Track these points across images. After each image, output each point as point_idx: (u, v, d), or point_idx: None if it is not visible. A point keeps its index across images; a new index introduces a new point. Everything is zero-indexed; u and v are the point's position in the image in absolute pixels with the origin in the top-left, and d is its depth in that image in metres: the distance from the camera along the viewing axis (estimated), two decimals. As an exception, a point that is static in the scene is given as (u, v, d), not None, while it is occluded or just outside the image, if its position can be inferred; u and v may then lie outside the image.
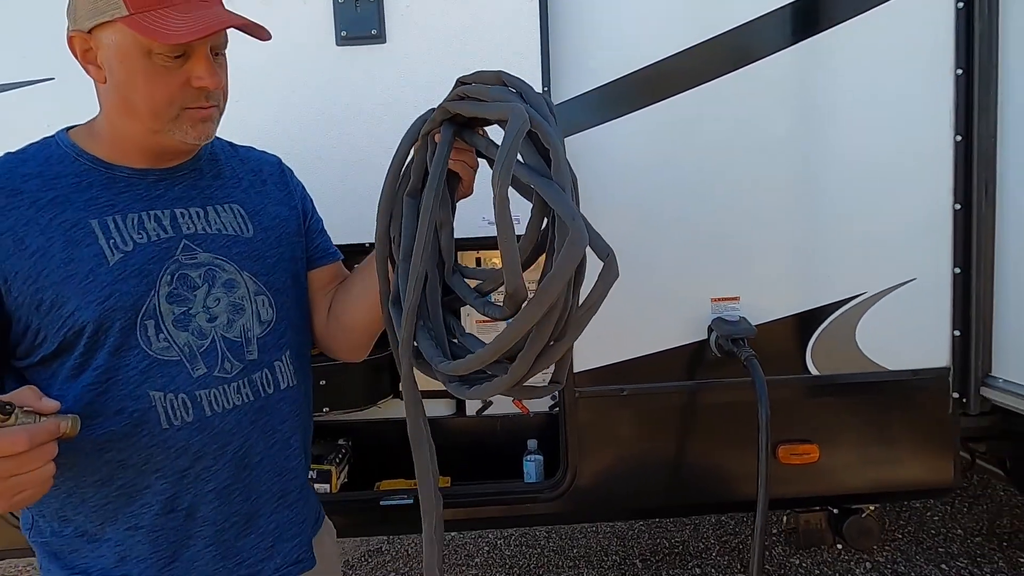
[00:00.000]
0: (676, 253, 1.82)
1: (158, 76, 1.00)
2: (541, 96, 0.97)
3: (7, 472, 0.84)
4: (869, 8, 1.76)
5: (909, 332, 1.85)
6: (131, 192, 1.08)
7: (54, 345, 1.01)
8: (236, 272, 1.13)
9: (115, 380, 1.02)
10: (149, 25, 0.96)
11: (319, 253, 1.30)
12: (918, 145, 1.80)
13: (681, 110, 1.77)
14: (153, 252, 1.06)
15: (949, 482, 1.92)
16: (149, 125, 1.03)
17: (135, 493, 1.05)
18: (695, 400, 1.89)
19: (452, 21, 1.69)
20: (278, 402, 1.15)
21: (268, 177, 1.26)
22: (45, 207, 1.02)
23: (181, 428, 1.04)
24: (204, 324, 1.08)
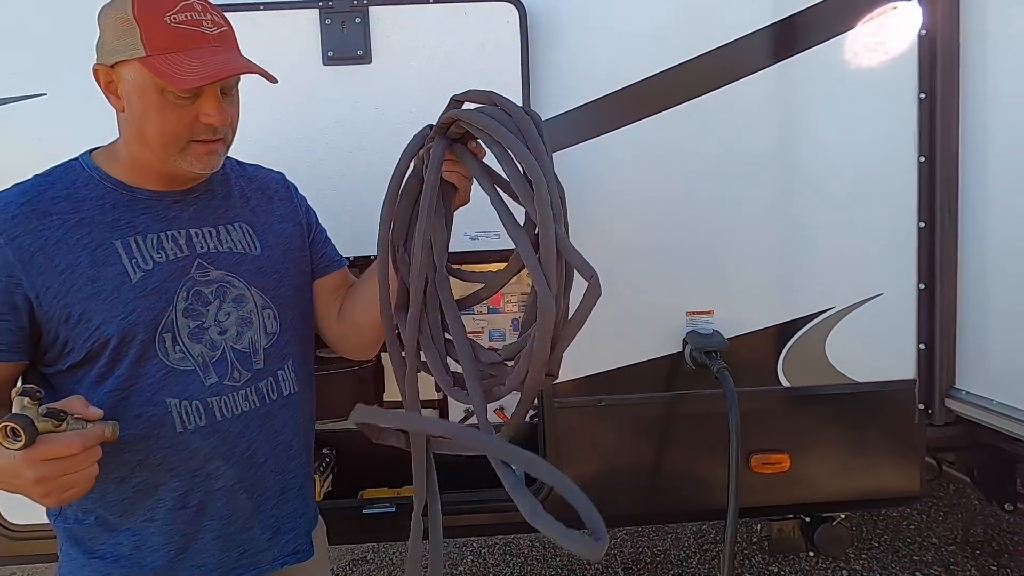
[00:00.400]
0: (652, 267, 1.87)
1: (170, 112, 1.08)
2: (529, 118, 1.06)
3: (61, 471, 0.95)
4: (837, 34, 1.83)
5: (876, 345, 1.92)
6: (150, 214, 1.17)
7: (81, 355, 1.10)
8: (245, 288, 1.23)
9: (135, 387, 1.12)
10: (163, 68, 1.05)
11: (325, 262, 1.40)
12: (884, 165, 1.87)
13: (658, 130, 1.83)
14: (171, 270, 1.16)
15: (916, 490, 1.99)
16: (159, 155, 1.12)
17: (151, 490, 1.15)
18: (671, 411, 1.95)
19: (435, 43, 1.74)
20: (281, 408, 1.25)
21: (274, 194, 1.35)
22: (73, 228, 1.11)
23: (194, 432, 1.15)
24: (216, 336, 1.18)
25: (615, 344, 1.88)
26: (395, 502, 1.98)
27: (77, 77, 1.74)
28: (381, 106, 1.76)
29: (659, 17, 1.81)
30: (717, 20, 1.81)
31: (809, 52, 1.83)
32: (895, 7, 1.82)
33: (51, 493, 0.96)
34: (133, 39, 1.06)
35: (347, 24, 1.72)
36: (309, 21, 1.72)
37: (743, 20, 1.81)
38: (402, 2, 1.74)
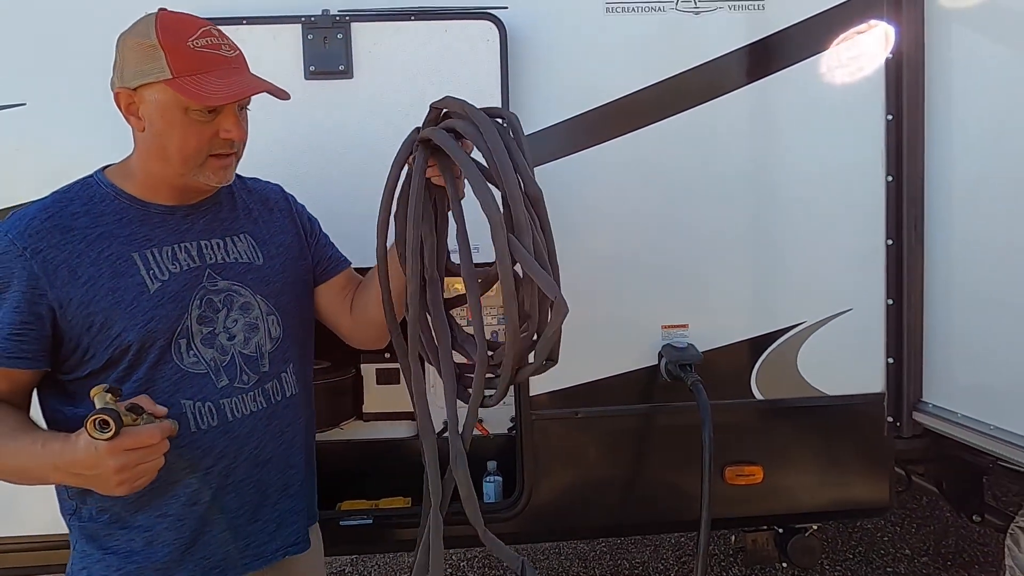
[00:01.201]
0: (629, 281, 1.91)
1: (192, 128, 1.17)
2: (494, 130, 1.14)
3: (138, 460, 1.04)
4: (809, 56, 1.88)
5: (846, 359, 1.96)
6: (164, 227, 1.25)
7: (102, 361, 1.17)
8: (251, 296, 1.31)
9: (152, 390, 1.18)
10: (190, 88, 1.13)
11: (331, 264, 1.48)
12: (854, 184, 1.93)
13: (635, 146, 1.87)
14: (185, 280, 1.23)
15: (885, 502, 2.03)
16: (179, 170, 1.20)
17: (167, 487, 1.20)
18: (647, 423, 1.97)
19: (416, 59, 1.77)
20: (285, 408, 1.33)
21: (274, 206, 1.43)
22: (94, 242, 1.18)
23: (208, 431, 1.22)
24: (225, 342, 1.26)
25: (592, 357, 1.91)
26: (373, 514, 1.99)
27: (57, 87, 1.77)
28: (362, 120, 1.78)
29: (637, 37, 1.85)
30: (694, 40, 1.86)
31: (783, 73, 1.88)
32: (863, 31, 1.88)
33: (126, 481, 1.04)
34: (158, 63, 1.13)
35: (329, 39, 1.75)
36: (292, 35, 1.74)
37: (720, 40, 1.87)
38: (384, 18, 1.77)
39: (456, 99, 1.23)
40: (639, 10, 1.85)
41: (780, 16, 1.87)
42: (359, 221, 1.76)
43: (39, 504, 1.32)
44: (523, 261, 1.08)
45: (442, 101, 1.26)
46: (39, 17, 1.75)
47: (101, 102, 1.71)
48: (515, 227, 1.10)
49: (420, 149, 1.25)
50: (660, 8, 1.86)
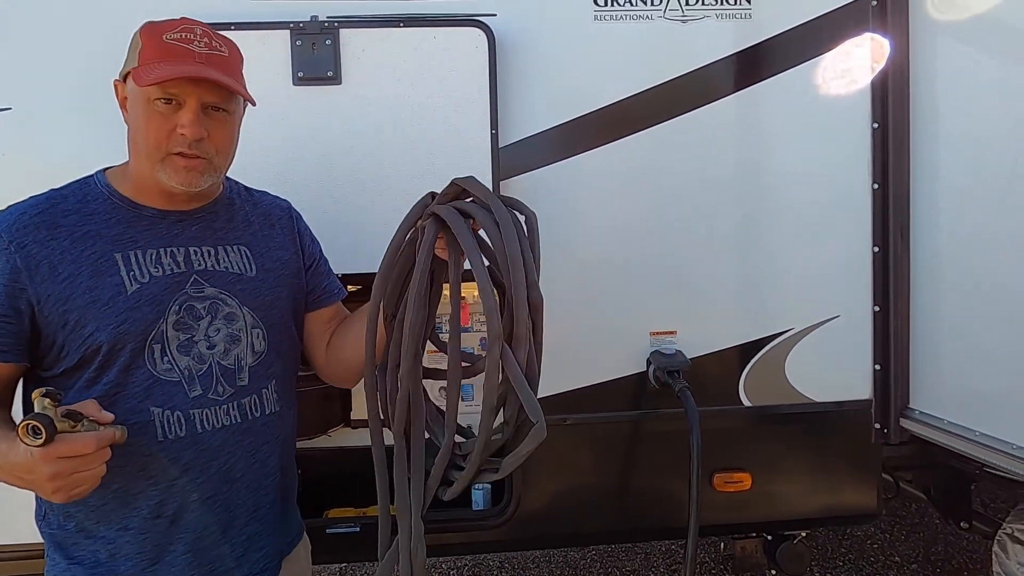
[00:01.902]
0: (617, 287, 1.91)
1: (152, 119, 1.17)
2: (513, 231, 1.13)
3: (73, 469, 1.01)
4: (795, 65, 1.90)
5: (834, 366, 1.97)
6: (153, 230, 1.24)
7: (74, 360, 1.16)
8: (237, 307, 1.28)
9: (122, 394, 1.16)
10: (140, 73, 1.15)
11: (325, 294, 1.47)
12: (840, 192, 1.94)
13: (622, 153, 1.88)
14: (166, 284, 1.21)
15: (873, 508, 2.03)
16: (145, 164, 1.19)
17: (129, 498, 1.18)
18: (636, 429, 1.97)
19: (404, 65, 1.77)
20: (262, 425, 1.29)
21: (277, 221, 1.42)
22: (79, 240, 1.18)
23: (175, 441, 1.19)
24: (204, 351, 1.23)
25: (580, 363, 1.91)
26: (360, 522, 1.97)
27: (43, 92, 1.76)
28: (350, 126, 1.78)
29: (625, 44, 1.86)
30: (682, 47, 1.87)
31: (770, 81, 1.90)
32: (850, 40, 1.90)
33: (61, 489, 1.01)
34: (135, 53, 1.18)
35: (317, 45, 1.75)
36: (280, 41, 1.74)
37: (707, 48, 1.88)
38: (372, 25, 1.77)
39: (480, 184, 1.21)
40: (627, 18, 1.87)
41: (767, 25, 1.89)
42: (345, 227, 1.78)
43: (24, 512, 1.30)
44: (514, 379, 1.09)
45: (465, 181, 1.22)
46: (25, 19, 1.74)
47: (89, 107, 1.75)
48: (513, 339, 1.11)
49: (432, 222, 1.24)
50: (648, 16, 1.87)
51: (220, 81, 1.17)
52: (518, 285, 1.09)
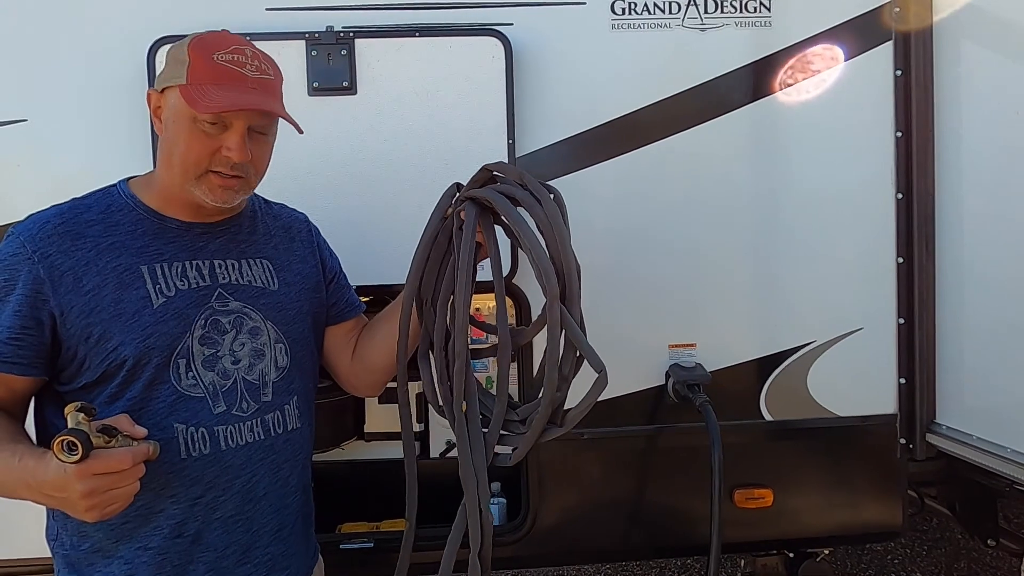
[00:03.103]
0: (635, 300, 1.87)
1: (196, 138, 1.15)
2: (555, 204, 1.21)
3: (108, 486, 0.98)
4: (815, 73, 1.87)
5: (857, 379, 1.92)
6: (178, 242, 1.22)
7: (96, 374, 1.13)
8: (261, 321, 1.27)
9: (145, 410, 1.14)
10: (193, 94, 1.12)
11: (346, 307, 1.47)
12: (863, 202, 1.90)
13: (642, 164, 1.85)
14: (192, 298, 1.20)
15: (898, 525, 1.98)
16: (178, 179, 1.18)
17: (150, 516, 1.15)
18: (654, 444, 1.93)
19: (420, 75, 1.76)
20: (285, 442, 1.27)
21: (296, 234, 1.42)
22: (104, 251, 1.16)
23: (198, 459, 1.16)
24: (228, 366, 1.21)
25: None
26: (374, 537, 1.94)
27: (59, 103, 1.76)
28: (365, 137, 1.76)
29: (643, 53, 1.84)
30: (701, 57, 1.84)
31: (790, 90, 1.86)
32: (871, 47, 1.87)
33: (96, 507, 0.99)
34: (181, 69, 1.15)
35: (332, 56, 1.74)
36: (295, 52, 1.73)
37: (725, 58, 1.85)
38: (388, 35, 1.76)
39: (513, 167, 1.30)
40: (645, 27, 1.84)
41: (787, 32, 1.86)
42: (362, 239, 1.76)
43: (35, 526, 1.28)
44: (573, 335, 1.16)
45: (497, 165, 1.31)
46: (41, 30, 1.74)
47: (104, 118, 1.74)
48: (567, 299, 1.17)
49: (470, 206, 1.28)
50: (666, 25, 1.84)
51: (276, 112, 1.18)
52: (566, 250, 1.17)
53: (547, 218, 1.21)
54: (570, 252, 1.19)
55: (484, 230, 1.28)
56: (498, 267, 1.28)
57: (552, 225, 1.20)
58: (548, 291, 1.15)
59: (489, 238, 1.28)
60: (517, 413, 1.30)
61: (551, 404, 1.20)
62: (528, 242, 1.19)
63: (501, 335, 1.26)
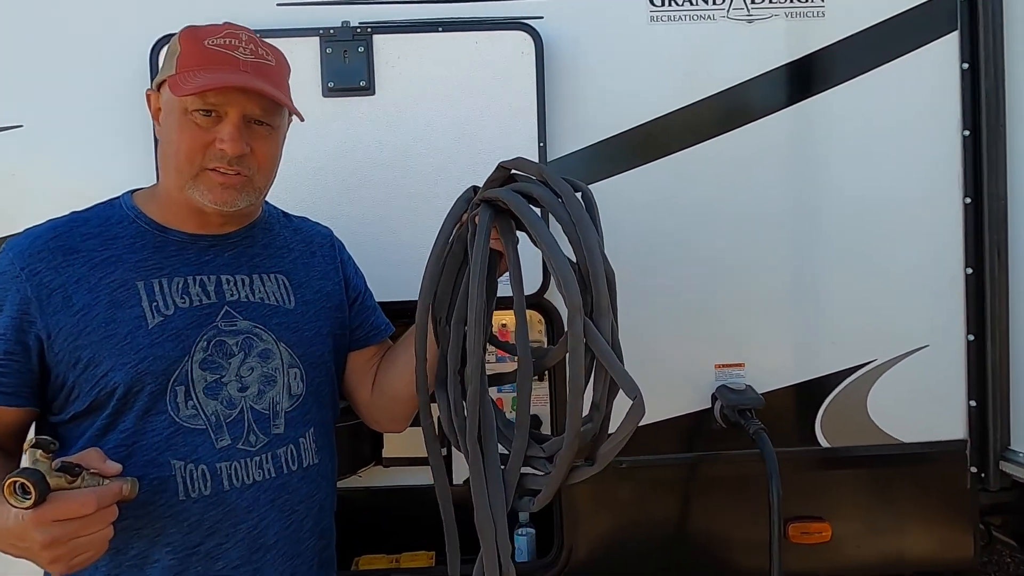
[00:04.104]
0: (679, 316, 1.72)
1: (188, 131, 1.04)
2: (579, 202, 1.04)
3: (72, 534, 0.85)
4: (874, 67, 1.71)
5: (923, 402, 1.75)
6: (180, 256, 1.11)
7: (85, 404, 1.02)
8: (273, 342, 1.14)
9: (139, 445, 1.02)
10: (178, 80, 1.02)
11: (372, 331, 1.33)
12: (926, 208, 1.73)
13: (684, 167, 1.70)
14: (193, 317, 1.08)
15: (969, 560, 1.80)
16: (175, 180, 1.07)
17: (143, 566, 1.03)
18: (699, 473, 1.77)
19: (443, 74, 1.62)
20: (299, 481, 1.13)
21: (318, 249, 1.28)
22: (98, 266, 1.05)
23: (197, 501, 1.03)
24: (235, 393, 1.09)
25: (638, 400, 1.72)
26: (394, 573, 1.80)
27: (56, 108, 1.63)
28: (384, 141, 1.63)
29: (685, 46, 1.69)
30: (748, 50, 1.69)
31: (846, 86, 1.71)
32: (936, 39, 1.71)
33: (60, 559, 0.86)
34: (172, 60, 1.06)
35: (349, 53, 1.61)
36: (309, 50, 1.60)
37: (774, 52, 1.70)
38: (409, 30, 1.62)
39: (531, 161, 1.12)
40: (686, 18, 1.70)
41: (842, 24, 1.70)
42: (379, 251, 1.62)
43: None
44: (602, 354, 0.97)
45: (514, 161, 1.14)
46: (37, 34, 1.63)
47: (106, 124, 1.62)
48: (595, 311, 0.99)
49: (484, 208, 1.12)
50: (710, 16, 1.70)
51: (266, 92, 1.04)
52: (593, 254, 1.00)
53: (569, 217, 1.03)
54: (598, 257, 1.01)
55: (502, 235, 1.12)
56: (518, 277, 1.11)
57: (576, 225, 1.02)
58: (568, 301, 0.97)
59: (508, 244, 1.12)
60: (543, 449, 1.12)
61: (576, 439, 1.02)
62: (545, 244, 1.01)
63: (521, 357, 1.09)
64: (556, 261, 0.99)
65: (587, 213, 1.05)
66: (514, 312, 1.10)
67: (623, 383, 0.97)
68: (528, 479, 1.13)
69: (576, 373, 0.99)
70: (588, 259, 1.01)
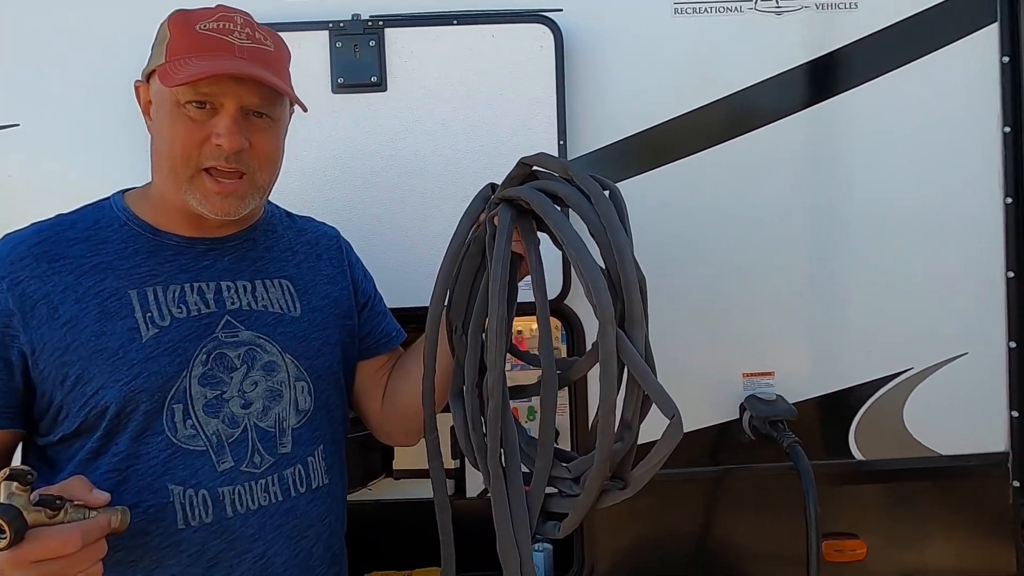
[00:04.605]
0: (704, 322, 1.64)
1: (181, 125, 0.96)
2: (609, 201, 0.96)
3: (56, 573, 0.78)
4: (908, 61, 1.63)
5: (962, 413, 1.66)
6: (176, 261, 1.03)
7: (74, 425, 0.95)
8: (278, 354, 1.06)
9: (134, 469, 0.95)
10: (169, 69, 0.93)
11: (383, 338, 1.25)
12: (964, 208, 1.65)
13: (711, 166, 1.62)
14: (191, 328, 1.00)
15: (1011, 579, 1.71)
16: (171, 182, 0.99)
17: None
18: (724, 487, 1.69)
19: (458, 69, 1.55)
20: (308, 503, 1.06)
21: (324, 251, 1.21)
22: (86, 274, 0.97)
23: (198, 529, 0.96)
24: (237, 410, 1.01)
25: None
26: (405, 591, 1.72)
27: (55, 106, 1.56)
28: (396, 139, 1.55)
29: (711, 40, 1.61)
30: (777, 44, 1.62)
31: (879, 81, 1.63)
32: (974, 31, 1.63)
33: None
34: (161, 47, 0.98)
35: (360, 48, 1.53)
36: (318, 44, 1.53)
37: (804, 45, 1.62)
38: (422, 23, 1.55)
39: (555, 157, 1.03)
40: (712, 11, 1.62)
41: (876, 15, 1.62)
42: (392, 253, 1.54)
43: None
44: (635, 368, 0.90)
45: (536, 157, 1.06)
46: (35, 29, 1.56)
47: (105, 122, 1.55)
48: (628, 322, 0.92)
49: (504, 208, 1.04)
50: (736, 8, 1.62)
51: (265, 79, 0.95)
52: (624, 259, 0.92)
53: (599, 219, 0.96)
54: (630, 262, 0.94)
55: (523, 237, 1.05)
56: (541, 282, 1.03)
57: (606, 227, 0.95)
58: (600, 312, 0.90)
59: (530, 247, 1.05)
60: (568, 469, 1.04)
61: (608, 460, 0.94)
62: (572, 248, 0.94)
63: (545, 369, 1.01)
64: (585, 267, 0.92)
65: (619, 216, 0.97)
66: (537, 320, 1.01)
67: (660, 402, 0.91)
68: (552, 501, 1.05)
69: (609, 389, 0.91)
70: (619, 264, 0.93)
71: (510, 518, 1.01)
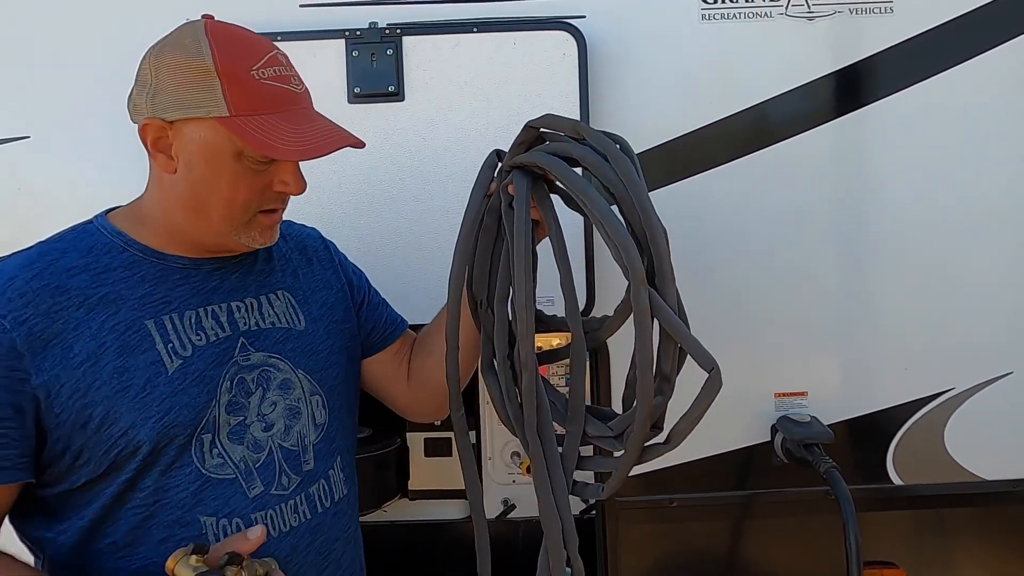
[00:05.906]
0: (734, 340, 1.56)
1: (243, 178, 0.93)
2: (626, 158, 0.94)
3: None
4: (948, 67, 1.56)
5: (1007, 435, 1.59)
6: (187, 285, 0.99)
7: (102, 468, 0.90)
8: (291, 371, 1.04)
9: (163, 503, 0.92)
10: (255, 133, 0.89)
11: (389, 328, 1.25)
12: (1011, 217, 1.57)
13: (741, 178, 1.56)
14: (212, 355, 0.97)
15: (1059, 611, 1.63)
16: (217, 227, 0.96)
17: None
18: (754, 511, 1.62)
19: (478, 77, 1.50)
20: (332, 517, 1.06)
21: (313, 255, 1.19)
22: (96, 307, 0.92)
23: None
24: (259, 434, 0.99)
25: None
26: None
27: (65, 119, 1.53)
28: (415, 150, 1.51)
29: (740, 47, 1.55)
30: (809, 50, 1.56)
31: (917, 88, 1.56)
32: (1018, 36, 1.56)
33: None
34: (212, 94, 0.89)
35: (377, 56, 1.49)
36: (334, 53, 1.49)
37: (837, 52, 1.56)
38: (440, 31, 1.51)
39: (562, 117, 1.01)
40: (741, 16, 1.56)
41: (914, 20, 1.56)
42: (412, 269, 1.49)
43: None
44: (670, 324, 0.88)
45: (543, 119, 1.03)
46: (46, 41, 1.54)
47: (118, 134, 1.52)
48: (658, 278, 0.91)
49: (519, 175, 1.02)
50: (766, 14, 1.56)
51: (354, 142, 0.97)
52: (648, 215, 0.91)
53: (618, 177, 0.94)
54: (653, 216, 0.92)
55: (539, 204, 1.04)
56: (562, 248, 1.02)
57: (626, 185, 0.93)
58: (632, 272, 0.88)
59: (547, 213, 1.03)
60: (610, 427, 1.03)
61: (650, 415, 0.94)
62: (599, 211, 0.91)
63: (574, 332, 1.01)
64: (612, 228, 0.90)
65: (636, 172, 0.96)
66: (561, 286, 1.02)
67: (698, 355, 0.90)
68: (592, 461, 1.06)
69: (645, 343, 0.90)
70: (644, 220, 0.92)
71: (549, 484, 1.01)
